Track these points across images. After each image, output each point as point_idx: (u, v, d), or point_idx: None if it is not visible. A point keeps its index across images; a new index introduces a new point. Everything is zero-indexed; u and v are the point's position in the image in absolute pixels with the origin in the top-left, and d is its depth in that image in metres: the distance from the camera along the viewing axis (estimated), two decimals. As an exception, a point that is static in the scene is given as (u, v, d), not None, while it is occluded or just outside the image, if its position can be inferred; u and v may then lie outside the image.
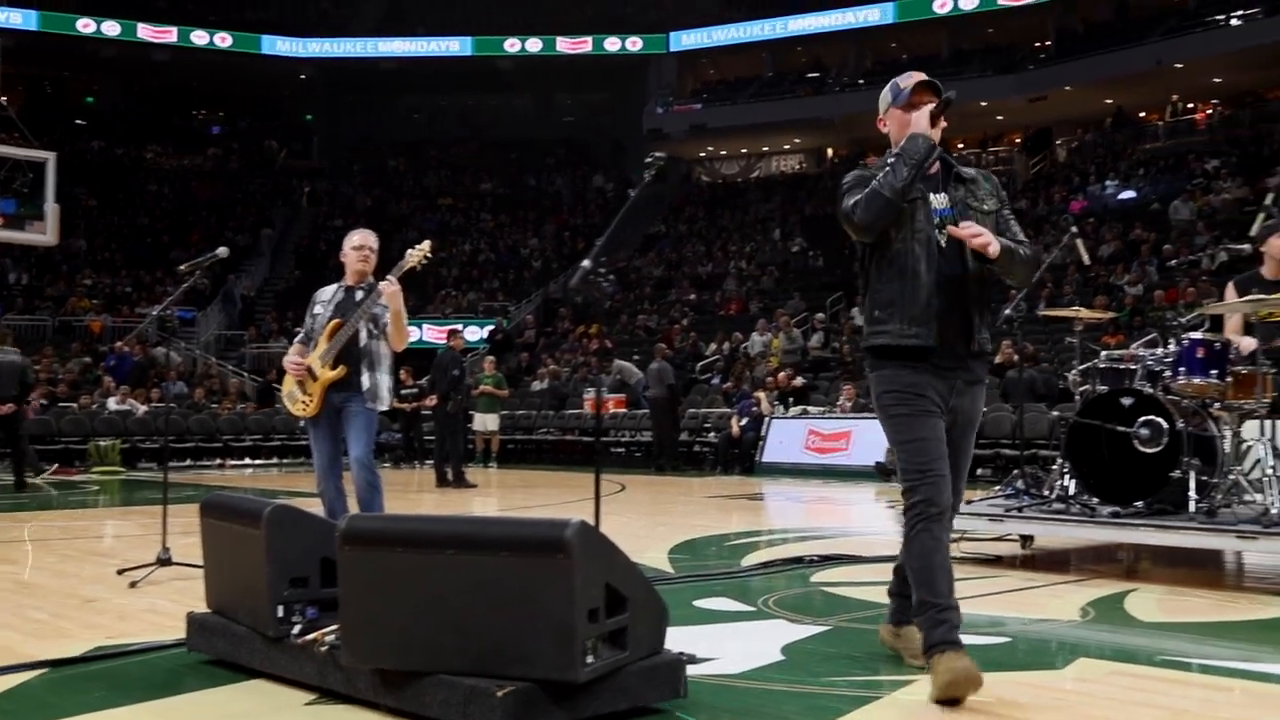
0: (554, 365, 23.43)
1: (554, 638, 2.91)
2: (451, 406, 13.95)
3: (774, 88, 33.74)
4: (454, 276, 30.93)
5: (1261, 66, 26.75)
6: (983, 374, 3.72)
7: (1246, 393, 5.79)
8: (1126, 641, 4.33)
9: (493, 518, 3.14)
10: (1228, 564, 6.39)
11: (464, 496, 12.44)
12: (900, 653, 3.84)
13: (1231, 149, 25.84)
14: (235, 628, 3.80)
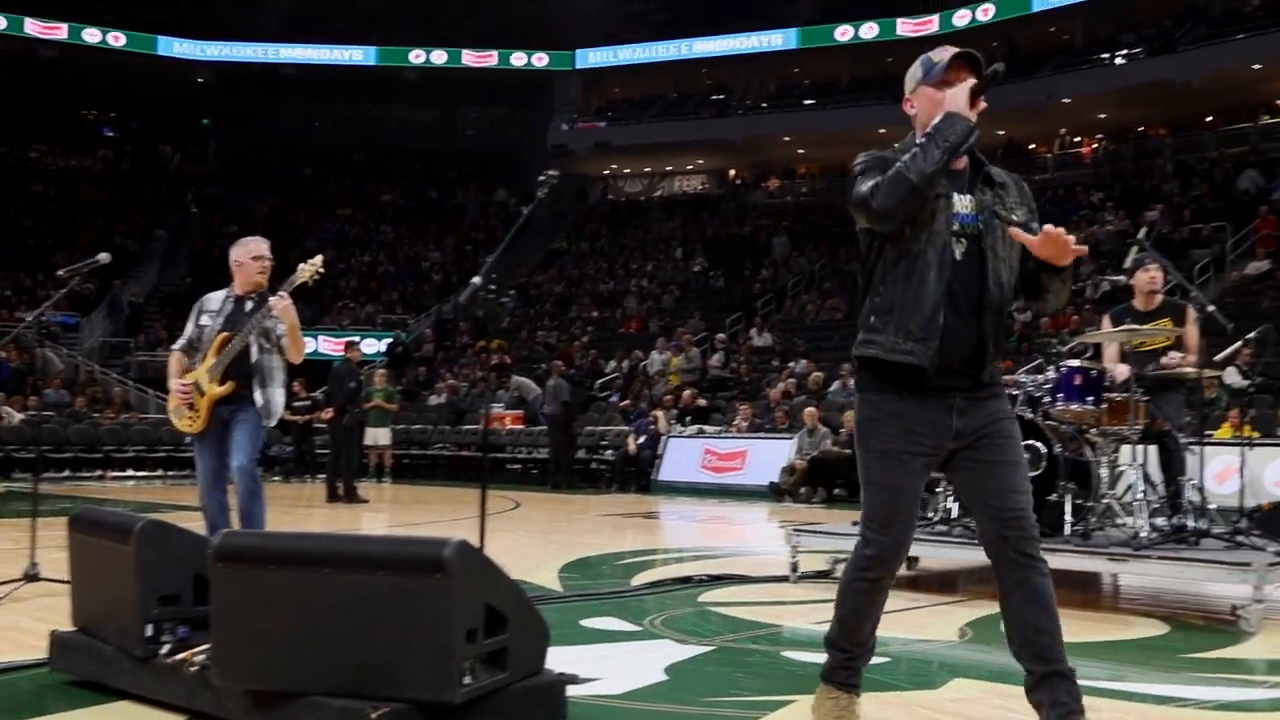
0: (452, 380, 23.25)
1: (431, 658, 2.88)
2: (347, 420, 13.74)
3: (678, 108, 34.01)
4: (352, 288, 30.54)
5: (1144, 104, 27.82)
6: (997, 390, 3.17)
7: (1120, 419, 5.97)
8: (1002, 662, 4.38)
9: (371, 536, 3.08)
10: (1103, 585, 6.56)
11: (354, 512, 12.24)
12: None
13: (1115, 182, 26.76)
14: (102, 647, 3.69)
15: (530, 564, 7.16)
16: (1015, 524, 3.04)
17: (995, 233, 3.11)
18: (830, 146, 32.77)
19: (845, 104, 31.82)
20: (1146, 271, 6.56)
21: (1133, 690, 3.90)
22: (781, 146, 33.38)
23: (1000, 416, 3.11)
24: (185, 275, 30.38)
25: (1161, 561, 5.37)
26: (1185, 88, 26.23)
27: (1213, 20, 27.23)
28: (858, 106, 31.34)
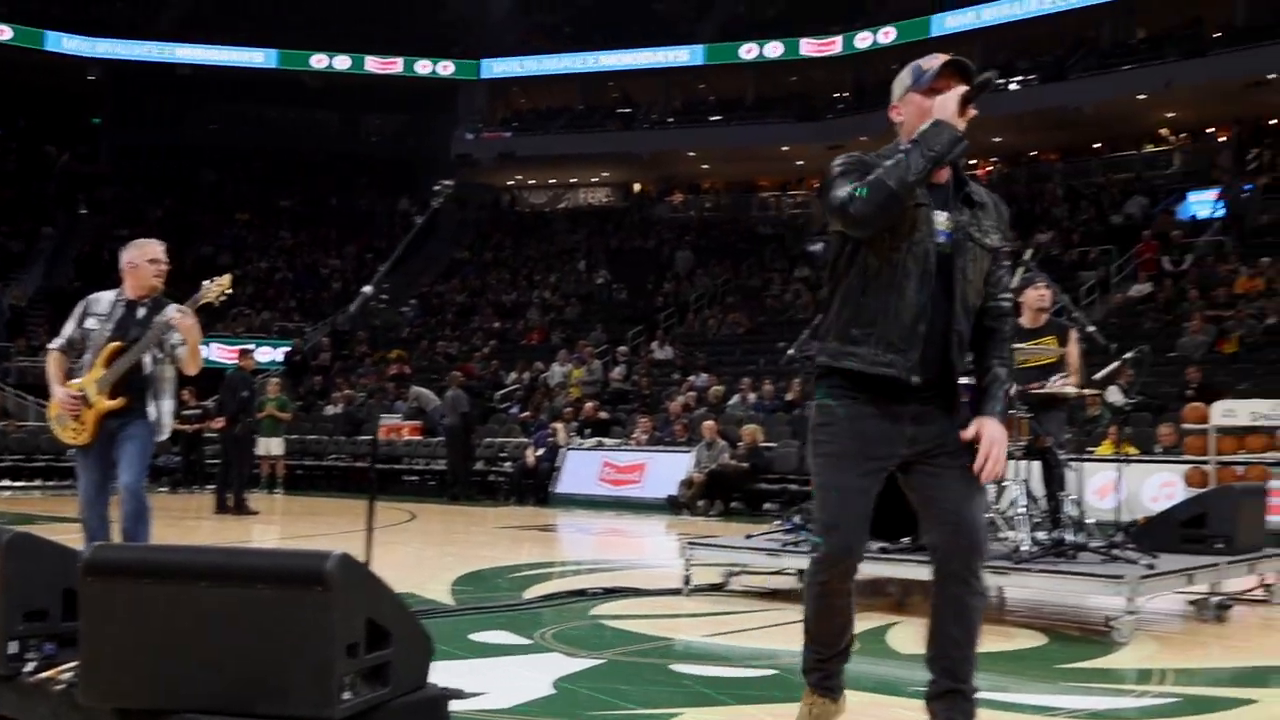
0: (349, 390, 22.93)
1: (310, 674, 2.82)
2: (239, 429, 13.48)
3: (584, 120, 34.01)
4: (248, 294, 29.94)
5: (1036, 130, 28.60)
6: (952, 402, 3.13)
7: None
8: (886, 673, 4.48)
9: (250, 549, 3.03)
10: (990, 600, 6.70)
11: (244, 524, 12.00)
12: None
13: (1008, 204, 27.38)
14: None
15: (423, 577, 7.10)
16: (966, 534, 3.07)
17: (966, 255, 3.08)
18: (735, 162, 33.16)
19: (750, 121, 32.15)
20: (1036, 289, 6.75)
21: (1011, 700, 3.99)
22: (687, 161, 33.60)
23: (955, 430, 3.09)
24: (73, 278, 29.50)
25: (1041, 574, 5.51)
26: (1076, 114, 27.05)
27: (1102, 51, 28.13)
28: (762, 124, 31.73)
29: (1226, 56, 25.29)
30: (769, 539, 6.73)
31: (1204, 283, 20.07)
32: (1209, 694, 4.28)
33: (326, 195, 35.69)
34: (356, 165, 36.49)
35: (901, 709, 3.85)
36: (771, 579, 6.94)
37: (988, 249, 3.11)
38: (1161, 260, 21.44)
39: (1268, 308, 18.35)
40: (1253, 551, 6.54)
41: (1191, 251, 21.72)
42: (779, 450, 14.86)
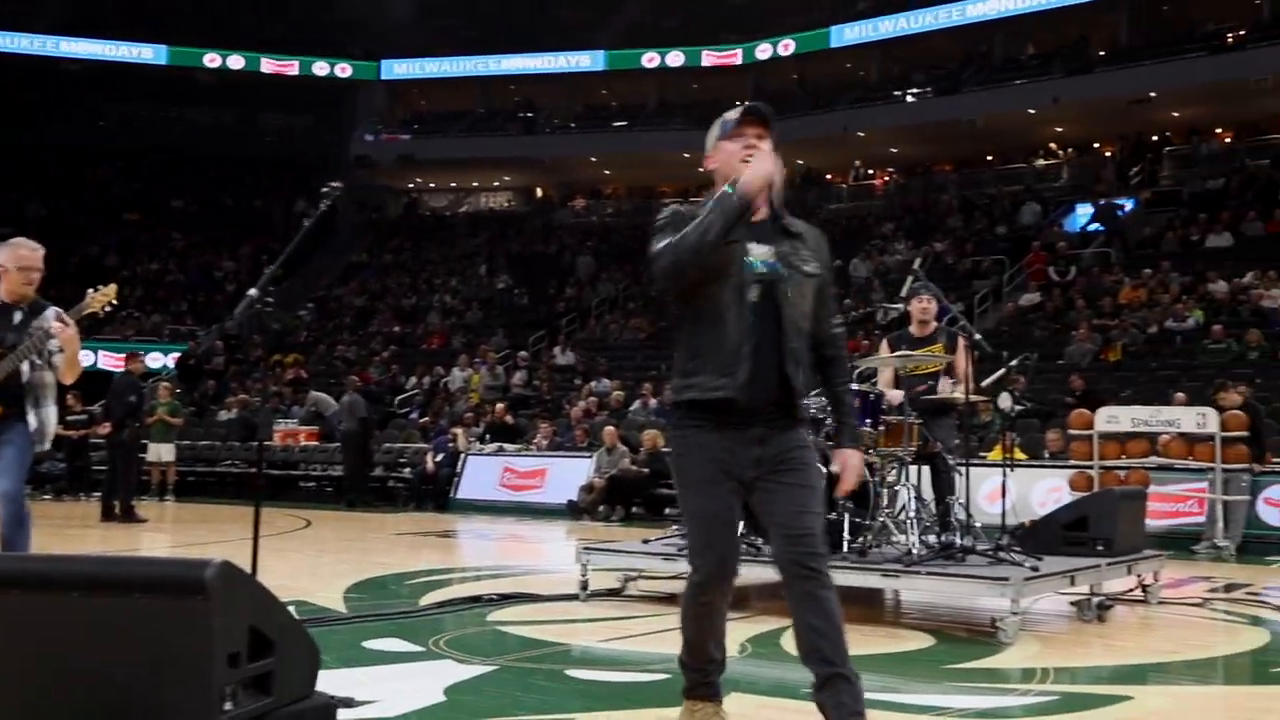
0: (244, 395, 22.46)
1: (190, 685, 2.76)
2: (127, 435, 13.15)
3: (485, 124, 33.85)
4: (138, 297, 29.17)
5: (931, 141, 29.22)
6: (795, 421, 3.32)
7: (895, 441, 6.23)
8: (778, 675, 4.52)
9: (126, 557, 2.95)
10: (885, 600, 6.79)
11: (131, 532, 11.66)
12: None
13: (905, 214, 27.98)
14: None
15: (315, 584, 6.99)
16: (803, 541, 3.21)
17: (790, 280, 3.27)
18: (637, 168, 33.27)
19: (652, 127, 32.30)
20: (920, 301, 6.91)
21: (900, 701, 4.05)
22: (588, 167, 33.64)
23: (798, 444, 3.29)
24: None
25: (930, 577, 5.61)
26: (970, 127, 27.70)
27: (994, 65, 28.84)
28: (664, 130, 31.88)
29: (1111, 74, 26.11)
30: (666, 544, 6.74)
31: (1090, 293, 20.66)
32: (1089, 691, 4.39)
33: (221, 196, 34.97)
34: (252, 166, 35.79)
35: (791, 710, 3.88)
36: (669, 583, 6.96)
37: (808, 275, 3.31)
38: (1049, 270, 22.03)
39: (1149, 317, 18.94)
40: (1132, 553, 6.75)
41: (1078, 263, 22.35)
42: (673, 456, 14.91)
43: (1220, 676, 4.91)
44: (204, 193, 34.77)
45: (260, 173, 35.88)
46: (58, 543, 10.09)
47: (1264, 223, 21.72)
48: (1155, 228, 23.19)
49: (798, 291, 3.27)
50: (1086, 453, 11.56)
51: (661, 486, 14.57)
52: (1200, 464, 11.02)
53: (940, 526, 6.30)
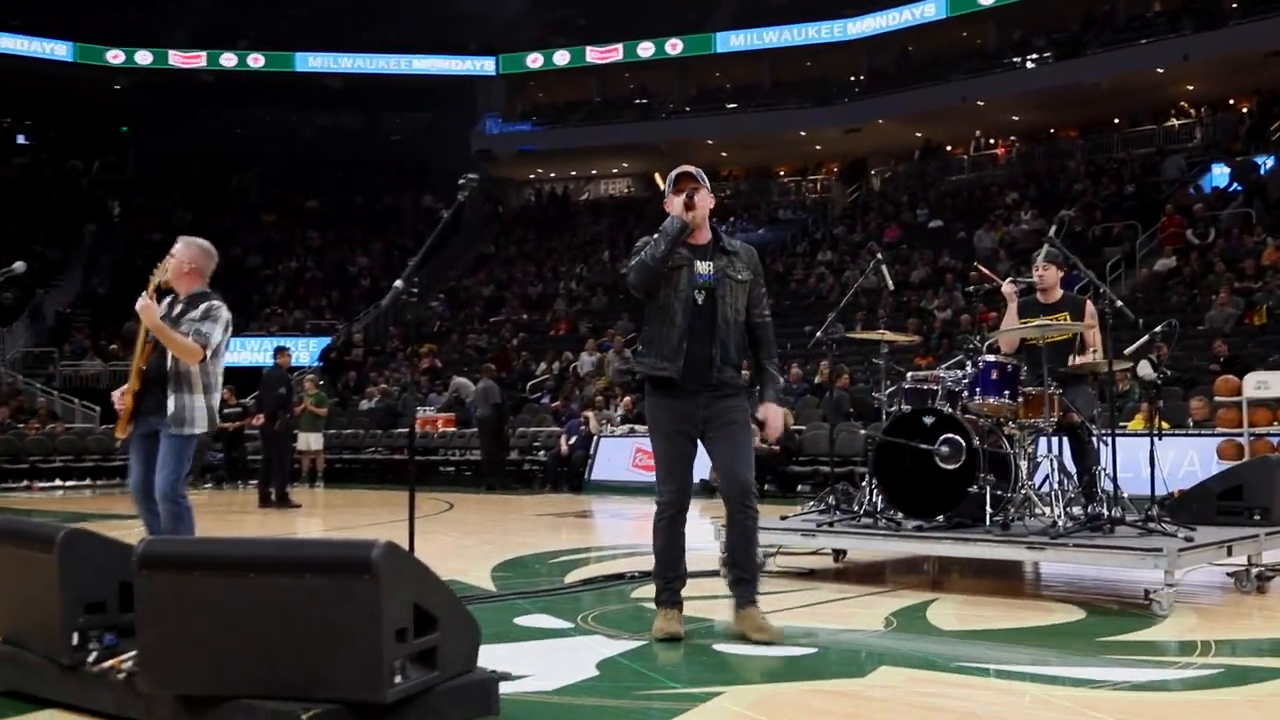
0: (384, 384, 23.02)
1: (360, 659, 2.85)
2: (279, 425, 13.57)
3: (602, 112, 34.00)
4: (279, 294, 30.12)
5: (1054, 107, 28.34)
6: (730, 390, 4.51)
7: (1036, 412, 6.08)
8: (926, 649, 4.46)
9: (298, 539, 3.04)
10: (1025, 573, 6.66)
11: (287, 517, 12.06)
12: (745, 632, 4.47)
13: (1029, 183, 27.24)
14: (26, 656, 3.60)
15: (464, 564, 7.12)
16: (738, 482, 4.50)
17: (725, 285, 4.48)
18: (753, 149, 33.01)
19: (767, 107, 32.03)
20: (1037, 270, 6.74)
21: (1054, 674, 3.97)
22: (705, 149, 33.42)
23: (732, 408, 4.51)
24: (110, 283, 29.75)
25: (1077, 549, 5.47)
26: (1095, 89, 26.75)
27: (1118, 25, 27.85)
28: (779, 110, 31.62)
29: (1246, 26, 24.94)
30: (804, 520, 6.71)
31: (1230, 255, 19.86)
32: (1252, 664, 4.23)
33: (351, 195, 35.81)
34: (379, 165, 36.60)
35: (941, 683, 3.83)
36: (807, 559, 6.93)
37: (740, 282, 4.52)
38: (1186, 233, 21.23)
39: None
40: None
41: (1216, 225, 21.48)
42: (809, 433, 14.79)
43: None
44: (335, 193, 35.67)
45: (387, 171, 36.67)
46: (221, 528, 10.48)
47: None
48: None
49: (732, 294, 4.48)
50: (1235, 420, 11.19)
51: (793, 464, 14.52)
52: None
53: (1085, 497, 6.13)
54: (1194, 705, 3.55)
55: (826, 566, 6.79)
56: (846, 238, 27.29)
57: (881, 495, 6.29)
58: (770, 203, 32.65)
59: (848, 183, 32.09)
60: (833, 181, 32.32)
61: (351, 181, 36.12)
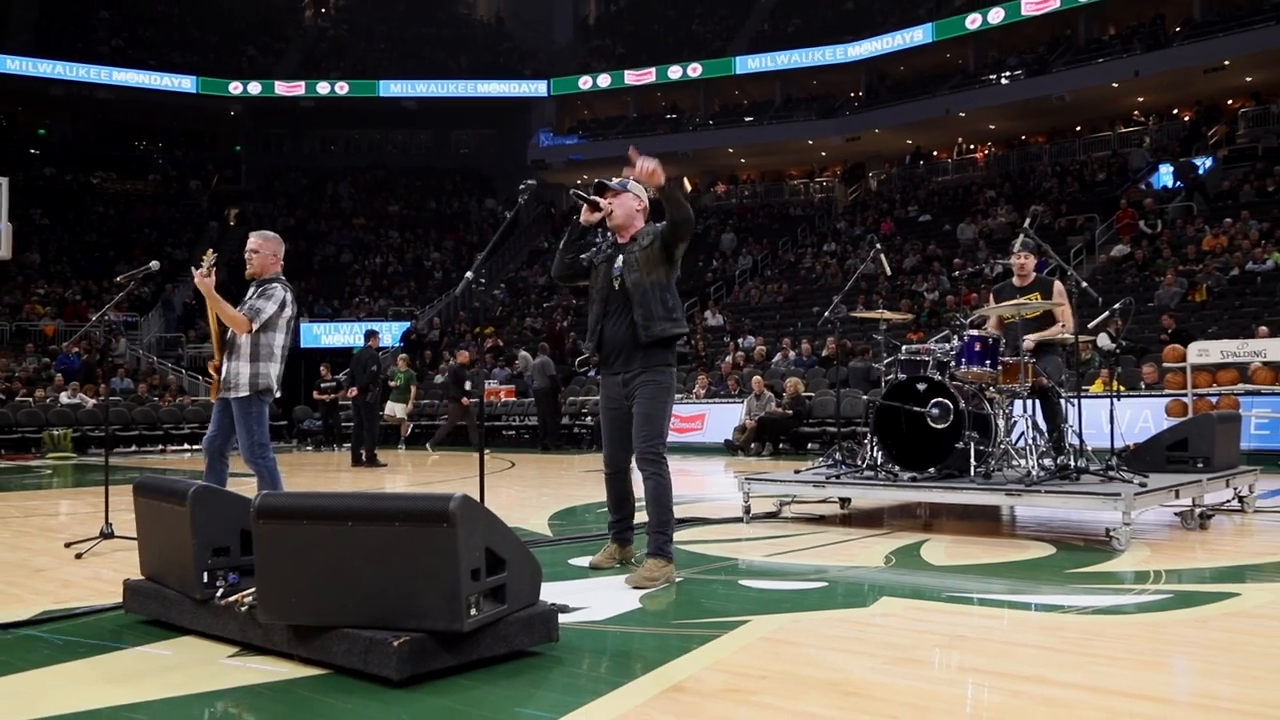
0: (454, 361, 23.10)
1: (441, 595, 2.85)
2: (370, 397, 13.66)
3: (638, 126, 33.84)
4: (367, 285, 30.27)
5: (1024, 117, 28.06)
6: (639, 371, 4.38)
7: (1012, 378, 6.02)
8: (920, 582, 4.44)
9: (386, 494, 3.04)
10: (1003, 516, 6.61)
11: (375, 475, 12.16)
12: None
13: (1004, 182, 26.91)
14: (166, 592, 3.65)
15: (526, 513, 7.15)
16: (642, 444, 4.39)
17: (629, 268, 4.36)
18: (767, 156, 32.81)
19: (778, 120, 31.77)
20: (1017, 258, 6.71)
21: (1028, 601, 3.94)
22: (726, 157, 33.34)
23: (645, 382, 4.38)
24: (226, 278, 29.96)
25: (1048, 495, 5.42)
26: (1059, 102, 26.46)
27: (1078, 48, 27.44)
28: (789, 122, 31.36)
29: (1187, 47, 24.71)
30: (814, 473, 6.68)
31: (1175, 242, 19.62)
32: (1196, 589, 4.18)
33: (426, 200, 35.89)
34: (449, 174, 36.67)
35: (934, 610, 3.80)
36: (818, 506, 6.90)
37: (644, 247, 4.37)
38: (1139, 224, 20.95)
39: (1230, 261, 17.92)
40: (1229, 469, 6.41)
41: (1163, 217, 21.20)
42: (818, 399, 14.75)
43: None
44: (412, 198, 35.76)
45: (455, 179, 36.71)
46: (319, 485, 10.59)
47: (1338, 170, 20.23)
48: (1233, 181, 21.81)
49: (637, 268, 4.33)
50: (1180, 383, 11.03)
51: (804, 426, 14.48)
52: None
53: (1055, 451, 6.07)
54: (1147, 625, 3.51)
55: (834, 513, 6.76)
56: (848, 231, 27.09)
57: (881, 451, 6.26)
58: (782, 202, 32.44)
59: (848, 184, 31.82)
60: (835, 183, 32.03)
61: (426, 189, 36.21)
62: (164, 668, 3.18)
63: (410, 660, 2.83)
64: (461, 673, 2.93)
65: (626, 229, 4.43)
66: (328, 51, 36.46)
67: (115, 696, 2.85)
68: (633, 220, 4.44)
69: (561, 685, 2.87)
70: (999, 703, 2.69)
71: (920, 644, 3.30)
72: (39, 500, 9.11)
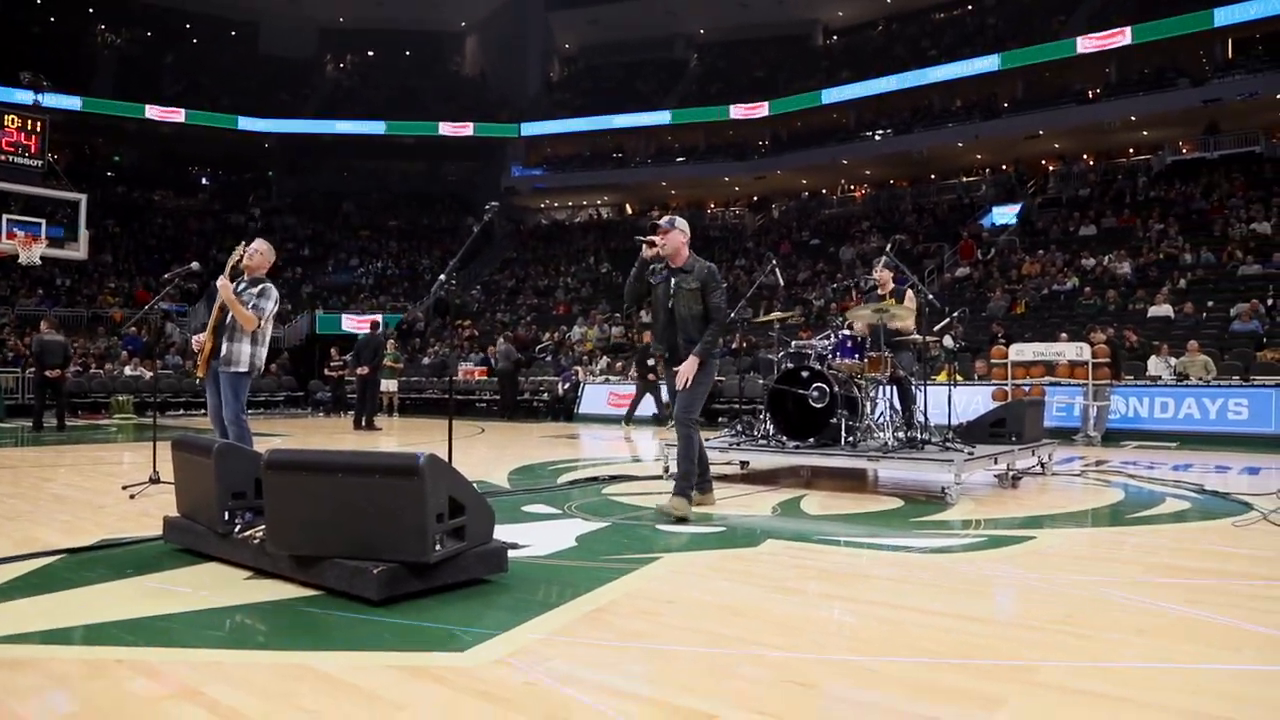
0: (438, 347, 22.81)
1: (412, 533, 2.81)
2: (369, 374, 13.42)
3: (590, 162, 33.64)
4: (370, 285, 29.69)
5: (892, 165, 28.47)
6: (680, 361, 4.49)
7: (875, 369, 6.09)
8: (800, 527, 4.48)
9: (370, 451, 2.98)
10: (867, 477, 6.70)
11: (373, 437, 11.92)
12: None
13: (876, 215, 27.28)
14: (196, 526, 3.58)
15: (489, 468, 7.07)
16: (681, 410, 4.50)
17: (679, 296, 4.52)
18: (693, 189, 32.85)
19: (703, 161, 31.83)
20: (879, 273, 6.78)
21: (880, 543, 3.99)
22: (660, 189, 33.30)
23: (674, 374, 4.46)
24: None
25: (900, 461, 5.51)
26: (919, 155, 26.92)
27: (934, 115, 27.89)
28: (710, 163, 31.42)
29: (1012, 119, 25.39)
30: (721, 440, 6.70)
31: (1002, 266, 20.05)
32: (1006, 534, 4.28)
33: (420, 217, 35.25)
34: (440, 197, 36.07)
35: (809, 550, 3.84)
36: (724, 467, 6.93)
37: (691, 289, 4.51)
38: (977, 252, 21.39)
39: (1042, 283, 18.36)
40: (1035, 441, 6.57)
41: (994, 246, 21.67)
42: (726, 382, 14.82)
43: (1090, 521, 4.75)
44: (409, 216, 35.09)
45: (445, 201, 36.10)
46: (329, 443, 10.37)
47: (1116, 218, 20.93)
48: (1045, 221, 22.39)
49: (684, 299, 4.50)
50: (1003, 375, 11.28)
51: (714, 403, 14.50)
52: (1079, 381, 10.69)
53: (906, 426, 6.17)
54: (970, 558, 3.59)
55: (736, 472, 6.79)
56: (755, 250, 27.23)
57: (772, 424, 6.29)
58: (704, 225, 32.49)
59: (756, 212, 31.98)
60: (746, 212, 32.17)
61: (420, 208, 35.55)
62: (195, 585, 3.11)
63: (387, 585, 2.79)
64: (428, 596, 2.89)
65: (676, 257, 4.57)
66: (343, 98, 35.67)
67: (154, 608, 2.80)
68: (680, 250, 4.58)
69: (508, 606, 2.84)
70: (849, 622, 2.73)
71: (795, 576, 3.33)
72: (105, 452, 8.80)
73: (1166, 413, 10.75)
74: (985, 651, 2.45)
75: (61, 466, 7.15)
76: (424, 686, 2.16)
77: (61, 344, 12.26)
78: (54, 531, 4.12)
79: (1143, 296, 16.51)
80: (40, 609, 2.82)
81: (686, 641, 2.50)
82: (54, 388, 12.09)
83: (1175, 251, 18.20)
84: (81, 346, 19.57)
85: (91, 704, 2.06)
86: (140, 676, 2.22)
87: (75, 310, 23.60)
